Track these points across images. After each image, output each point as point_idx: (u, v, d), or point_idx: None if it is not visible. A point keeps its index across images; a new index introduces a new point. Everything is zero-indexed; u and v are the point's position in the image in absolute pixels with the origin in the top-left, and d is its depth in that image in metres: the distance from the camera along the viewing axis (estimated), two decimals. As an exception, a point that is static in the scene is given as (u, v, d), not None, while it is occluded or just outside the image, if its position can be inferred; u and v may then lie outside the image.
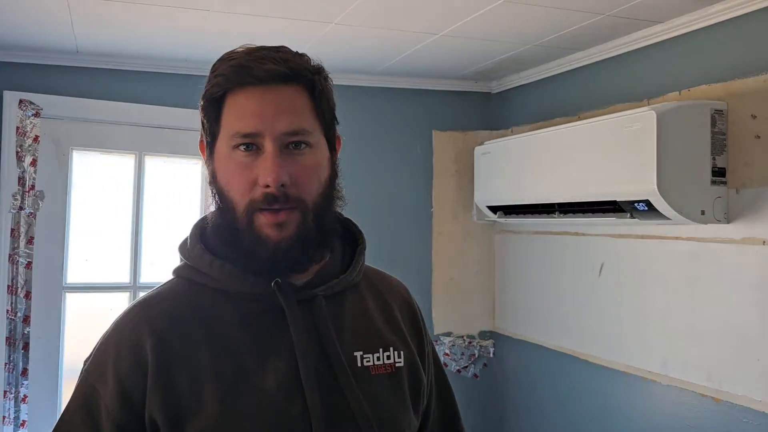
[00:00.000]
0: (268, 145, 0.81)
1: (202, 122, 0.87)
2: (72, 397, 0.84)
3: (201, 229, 0.91)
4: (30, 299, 2.37)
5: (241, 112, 0.82)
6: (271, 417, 0.79)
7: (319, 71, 0.88)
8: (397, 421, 0.88)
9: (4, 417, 2.32)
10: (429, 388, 0.98)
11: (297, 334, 0.83)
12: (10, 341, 2.34)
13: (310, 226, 0.83)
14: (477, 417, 2.86)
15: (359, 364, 0.86)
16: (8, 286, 2.34)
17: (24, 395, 2.35)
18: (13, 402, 2.34)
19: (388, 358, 0.89)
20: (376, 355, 0.88)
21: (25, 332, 2.36)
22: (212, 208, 0.88)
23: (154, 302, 0.86)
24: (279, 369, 0.81)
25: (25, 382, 2.36)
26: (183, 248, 0.91)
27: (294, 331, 0.83)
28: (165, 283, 0.90)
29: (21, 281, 2.36)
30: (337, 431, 0.81)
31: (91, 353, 0.85)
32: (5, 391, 2.32)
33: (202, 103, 0.86)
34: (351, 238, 0.98)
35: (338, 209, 0.91)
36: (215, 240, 0.88)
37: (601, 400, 2.28)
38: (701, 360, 1.88)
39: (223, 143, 0.84)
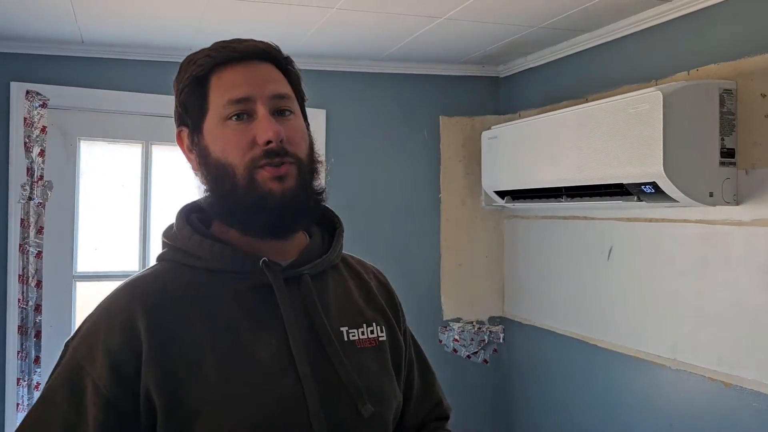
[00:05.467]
0: (261, 109, 0.85)
1: (184, 107, 0.90)
2: (54, 375, 0.83)
3: (187, 213, 0.94)
4: (41, 288, 2.40)
5: (230, 83, 0.86)
6: (266, 388, 0.82)
7: (286, 55, 0.93)
8: (384, 390, 0.92)
9: (18, 404, 2.36)
10: (409, 362, 1.04)
11: (286, 310, 0.86)
12: (22, 330, 2.37)
13: (307, 180, 0.88)
14: (486, 402, 2.86)
15: (345, 339, 0.90)
16: (19, 275, 2.37)
17: (37, 383, 2.38)
18: (26, 389, 2.37)
19: (372, 332, 0.93)
20: (360, 329, 0.92)
21: (37, 321, 2.39)
22: (203, 189, 0.90)
23: (143, 282, 0.87)
24: (271, 343, 0.84)
25: (38, 370, 2.39)
26: (168, 233, 0.93)
27: (283, 307, 0.86)
28: (150, 267, 0.91)
29: (32, 270, 2.38)
30: (329, 398, 0.85)
31: (76, 334, 0.85)
32: (18, 379, 2.36)
33: (183, 89, 0.89)
34: (329, 224, 1.01)
35: (321, 176, 0.93)
36: (212, 216, 0.91)
37: (610, 385, 2.26)
38: (711, 344, 1.86)
39: (213, 119, 0.86)
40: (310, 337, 0.87)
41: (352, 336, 0.91)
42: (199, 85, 0.87)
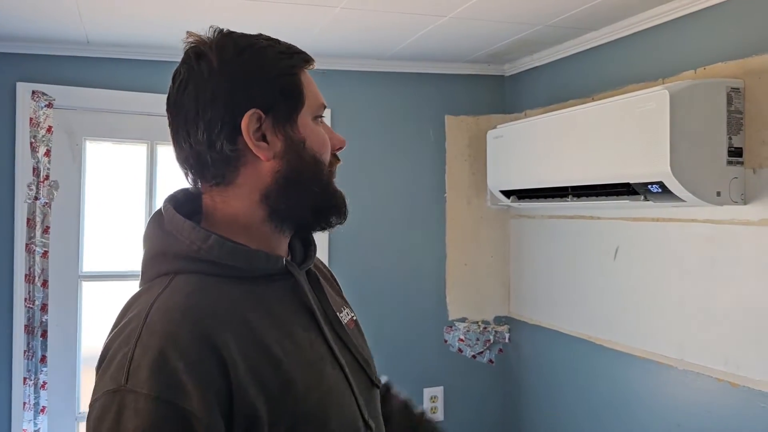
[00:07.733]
0: (324, 117, 0.94)
1: (281, 92, 0.87)
2: (136, 424, 0.70)
3: (185, 216, 0.87)
4: (47, 288, 2.41)
5: (314, 85, 0.92)
6: (327, 378, 0.87)
7: None
8: (373, 362, 1.02)
9: (24, 403, 2.36)
10: None
11: (315, 305, 0.92)
12: (29, 329, 2.38)
13: None
14: (493, 402, 2.85)
15: (342, 322, 0.97)
16: (26, 275, 2.37)
17: (43, 382, 2.39)
18: (33, 389, 2.38)
19: (348, 314, 1.02)
20: (345, 313, 1.01)
21: (43, 320, 2.40)
22: (274, 176, 0.87)
23: (191, 302, 0.80)
24: (313, 339, 0.88)
25: (44, 369, 2.40)
26: (177, 245, 0.85)
27: (312, 301, 0.91)
28: (169, 284, 0.82)
29: (38, 270, 2.39)
30: (356, 378, 0.93)
31: (129, 375, 0.73)
32: (25, 378, 2.36)
33: (282, 74, 0.88)
34: None
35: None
36: (275, 208, 0.88)
37: (617, 386, 2.25)
38: (718, 344, 1.84)
39: (307, 114, 0.90)
40: (330, 327, 0.93)
41: (344, 319, 0.98)
42: (296, 77, 0.89)
